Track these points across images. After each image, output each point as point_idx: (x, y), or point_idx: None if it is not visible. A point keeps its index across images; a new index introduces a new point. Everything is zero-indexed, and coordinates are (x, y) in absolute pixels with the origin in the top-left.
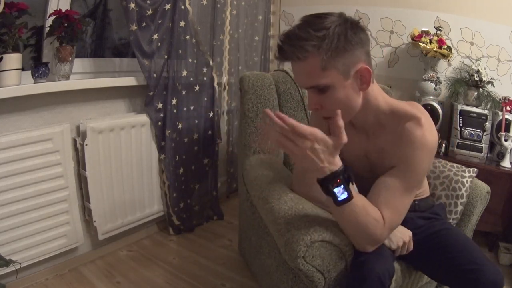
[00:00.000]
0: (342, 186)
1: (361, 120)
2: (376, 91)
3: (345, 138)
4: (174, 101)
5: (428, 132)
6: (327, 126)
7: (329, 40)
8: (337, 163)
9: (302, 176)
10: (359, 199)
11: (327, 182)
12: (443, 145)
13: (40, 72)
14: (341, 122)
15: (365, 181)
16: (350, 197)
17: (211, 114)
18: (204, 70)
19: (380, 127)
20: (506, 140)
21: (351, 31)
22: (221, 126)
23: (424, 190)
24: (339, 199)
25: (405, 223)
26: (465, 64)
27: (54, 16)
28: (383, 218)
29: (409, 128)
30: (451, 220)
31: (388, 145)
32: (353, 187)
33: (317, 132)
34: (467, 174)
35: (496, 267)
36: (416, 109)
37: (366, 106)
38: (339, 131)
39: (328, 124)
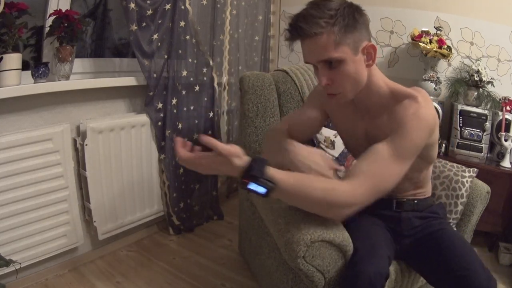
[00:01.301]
0: (254, 183)
1: (363, 100)
2: (378, 74)
3: (227, 150)
4: (174, 101)
5: (423, 107)
6: (326, 105)
7: (340, 18)
8: (241, 164)
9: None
10: (290, 181)
11: (242, 184)
12: (443, 145)
13: (40, 72)
14: (207, 139)
15: None
16: (270, 187)
17: (211, 114)
18: (204, 70)
19: (381, 107)
20: (506, 140)
21: (357, 12)
22: (221, 126)
23: (426, 191)
24: (260, 192)
25: (401, 223)
26: (465, 64)
27: (54, 16)
28: (355, 180)
29: (405, 104)
30: (451, 220)
31: (386, 124)
32: (276, 172)
33: (231, 150)
34: (467, 174)
35: (488, 273)
36: (415, 90)
37: (368, 85)
38: (213, 145)
39: (331, 101)
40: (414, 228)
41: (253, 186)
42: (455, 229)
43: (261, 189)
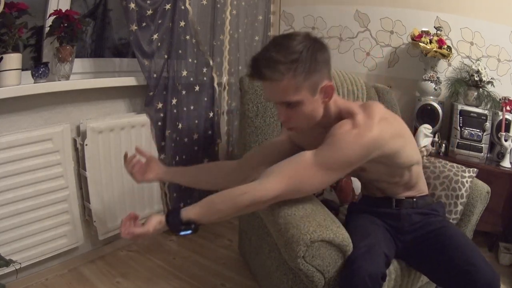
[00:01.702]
0: (176, 232)
1: (324, 124)
2: (333, 102)
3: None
4: (174, 101)
5: (358, 128)
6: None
7: (302, 63)
8: (161, 228)
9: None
10: (199, 210)
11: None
12: (443, 145)
13: (40, 72)
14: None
15: None
16: (190, 227)
17: (211, 114)
18: (204, 70)
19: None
20: (506, 140)
21: (319, 52)
22: (221, 126)
23: (421, 190)
24: (190, 233)
25: (401, 219)
26: (465, 64)
27: (54, 16)
28: (268, 178)
29: (342, 122)
30: (451, 220)
31: (327, 136)
32: (187, 210)
33: (131, 234)
34: (467, 174)
35: (492, 268)
36: (362, 108)
37: (325, 113)
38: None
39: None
40: (414, 224)
41: (181, 233)
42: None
43: (188, 232)
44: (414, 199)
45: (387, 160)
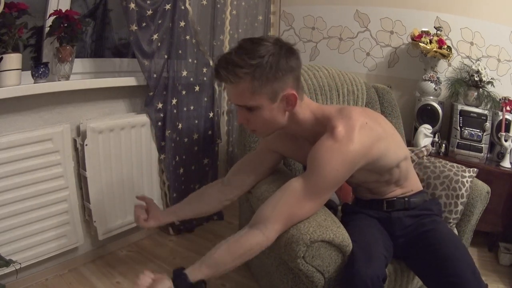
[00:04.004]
0: None
1: (298, 133)
2: (304, 108)
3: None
4: (174, 101)
5: (340, 141)
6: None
7: (261, 69)
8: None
9: None
10: (206, 269)
11: None
12: (443, 145)
13: (40, 72)
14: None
15: None
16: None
17: (211, 114)
18: (204, 70)
19: (314, 134)
20: (506, 140)
21: (284, 59)
22: (221, 126)
23: (413, 185)
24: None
25: (392, 224)
26: (465, 64)
27: (54, 16)
28: (268, 226)
29: (322, 138)
30: (451, 220)
31: (309, 158)
32: (194, 271)
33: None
34: (467, 174)
35: (479, 279)
36: (341, 117)
37: (296, 122)
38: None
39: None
40: (406, 227)
41: None
42: (451, 227)
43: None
44: (406, 198)
45: (372, 166)
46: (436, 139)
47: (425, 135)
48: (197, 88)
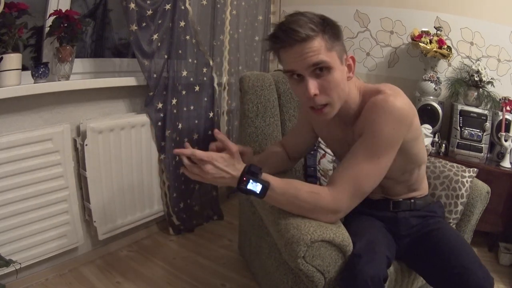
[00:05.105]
0: (251, 181)
1: (342, 112)
2: (353, 83)
3: (233, 147)
4: (174, 101)
5: (389, 99)
6: (313, 124)
7: (328, 25)
8: (240, 168)
9: None
10: (281, 182)
11: (240, 185)
12: (443, 145)
13: (40, 72)
14: (221, 136)
15: None
16: (265, 185)
17: (211, 114)
18: (204, 70)
19: (356, 114)
20: (506, 140)
21: (336, 26)
22: (221, 126)
23: (422, 190)
24: (258, 192)
25: (398, 224)
26: (465, 64)
27: (54, 16)
28: (335, 188)
29: (371, 101)
30: (451, 220)
31: (360, 127)
32: (268, 176)
33: (212, 153)
34: (467, 174)
35: (486, 272)
36: (383, 85)
37: (347, 98)
38: (225, 142)
39: (313, 115)
40: (412, 227)
41: (250, 186)
42: (454, 228)
43: (259, 187)
44: (412, 200)
45: (406, 146)
46: (436, 139)
47: (425, 135)
48: (197, 88)
